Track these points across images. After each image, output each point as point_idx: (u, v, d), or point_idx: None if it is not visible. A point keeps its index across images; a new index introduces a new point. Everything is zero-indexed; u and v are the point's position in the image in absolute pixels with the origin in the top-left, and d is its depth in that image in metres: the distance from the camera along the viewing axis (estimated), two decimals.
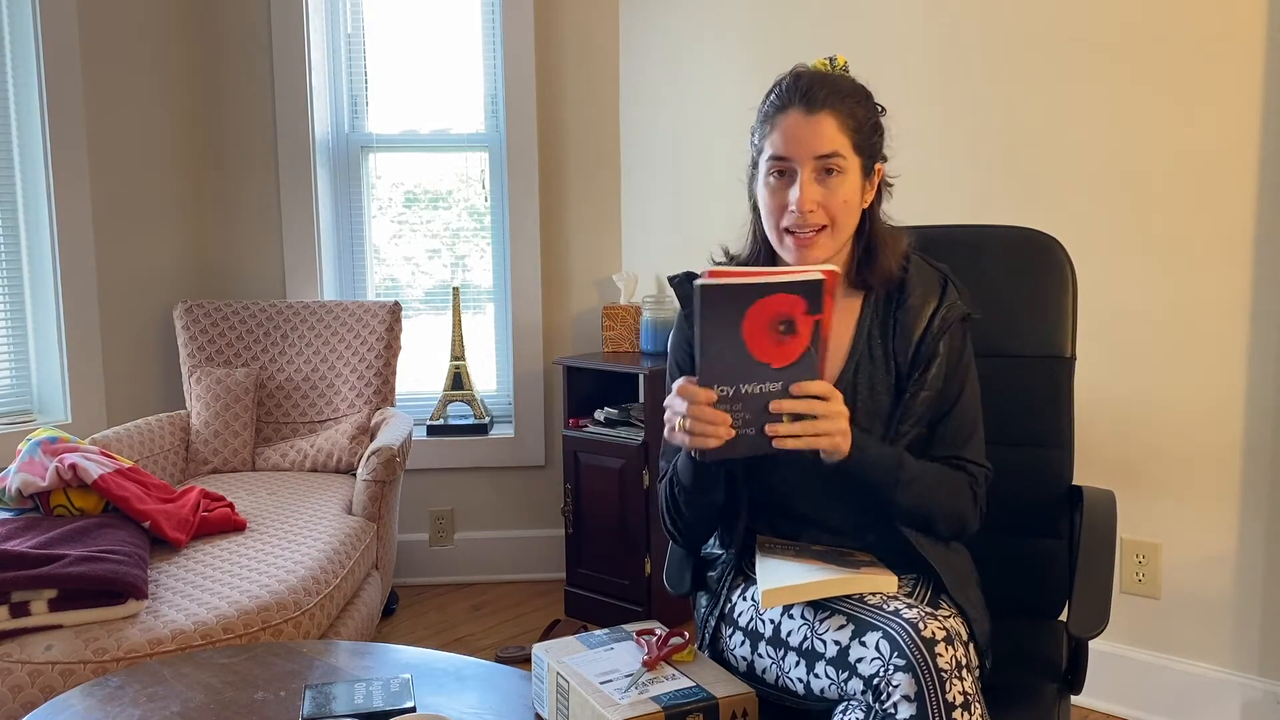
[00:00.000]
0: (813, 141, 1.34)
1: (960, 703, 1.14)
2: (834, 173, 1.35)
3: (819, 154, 1.34)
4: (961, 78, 2.59)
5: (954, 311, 1.41)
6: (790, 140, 1.35)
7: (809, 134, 1.34)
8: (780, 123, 1.36)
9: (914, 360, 1.39)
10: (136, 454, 2.74)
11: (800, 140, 1.34)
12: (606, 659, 1.32)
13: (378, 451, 2.62)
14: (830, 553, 1.38)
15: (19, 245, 2.96)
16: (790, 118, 1.35)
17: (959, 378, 1.42)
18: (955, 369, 1.41)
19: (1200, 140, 2.27)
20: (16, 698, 1.77)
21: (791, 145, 1.35)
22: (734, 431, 1.22)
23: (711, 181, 3.16)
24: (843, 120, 1.34)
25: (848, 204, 1.36)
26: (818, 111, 1.34)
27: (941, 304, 1.41)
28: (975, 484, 1.42)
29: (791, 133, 1.35)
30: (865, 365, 1.42)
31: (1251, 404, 2.25)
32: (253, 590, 2.03)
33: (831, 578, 1.24)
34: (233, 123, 3.35)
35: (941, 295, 1.42)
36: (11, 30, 2.89)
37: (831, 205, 1.35)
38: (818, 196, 1.34)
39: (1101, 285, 2.41)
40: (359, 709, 1.33)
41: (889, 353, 1.41)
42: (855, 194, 1.37)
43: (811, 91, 1.35)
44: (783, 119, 1.36)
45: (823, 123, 1.34)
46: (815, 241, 1.36)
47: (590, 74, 3.38)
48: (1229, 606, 2.30)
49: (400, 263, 3.53)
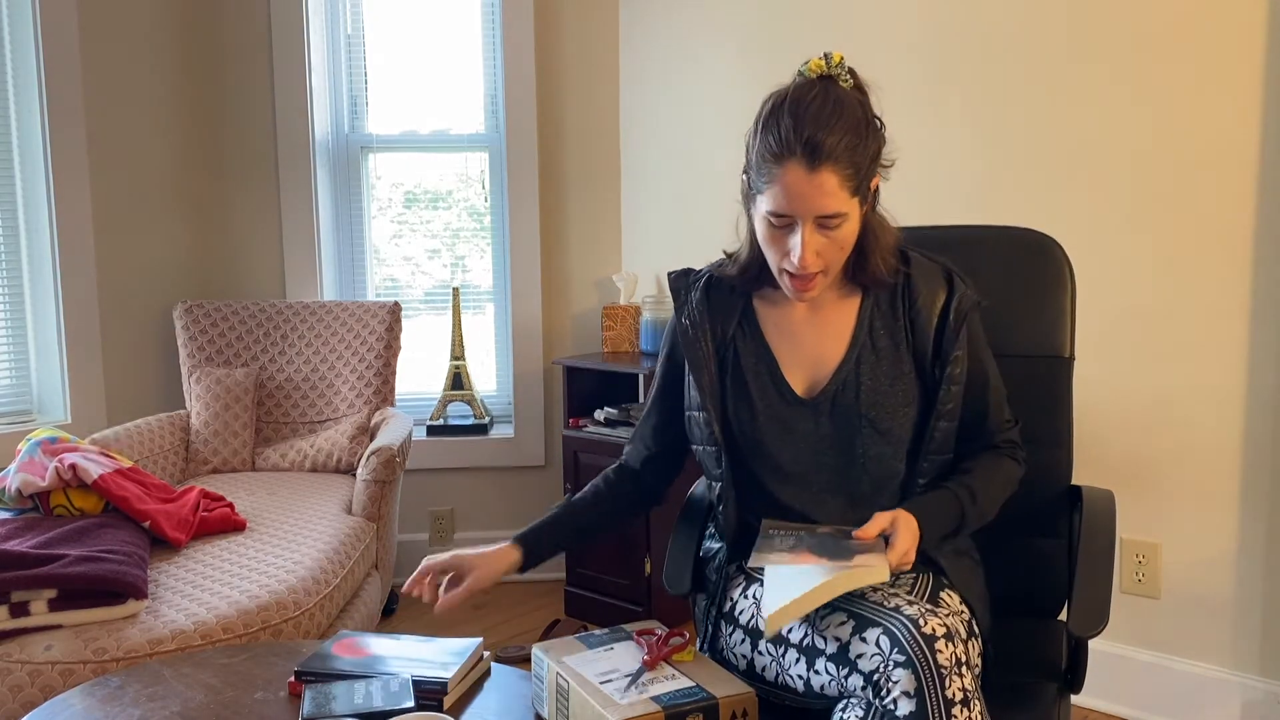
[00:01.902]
0: (815, 201, 1.30)
1: (960, 699, 1.14)
2: (834, 227, 1.33)
3: (821, 215, 1.31)
4: (960, 79, 2.59)
5: (967, 300, 1.42)
6: (792, 199, 1.30)
7: (811, 193, 1.29)
8: (780, 177, 1.30)
9: (936, 354, 1.40)
10: (136, 454, 2.74)
11: (802, 199, 1.30)
12: (606, 659, 1.32)
13: (378, 451, 2.62)
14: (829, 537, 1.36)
15: (19, 245, 2.96)
16: (791, 174, 1.29)
17: (982, 361, 1.45)
18: (978, 355, 1.44)
19: (1200, 140, 2.27)
20: (16, 698, 1.77)
21: (794, 204, 1.30)
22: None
23: (711, 181, 3.16)
24: (844, 174, 1.30)
25: (844, 250, 1.36)
26: (819, 169, 1.28)
27: (953, 294, 1.42)
28: (1017, 452, 1.50)
29: (793, 191, 1.30)
30: (868, 356, 1.41)
31: (1251, 404, 2.25)
32: (252, 590, 2.03)
33: (828, 580, 1.23)
34: (233, 123, 3.35)
35: (950, 286, 1.42)
36: (11, 30, 2.89)
37: (829, 254, 1.34)
38: (818, 248, 1.33)
39: (1100, 285, 2.41)
40: (359, 709, 1.33)
41: (896, 344, 1.41)
42: (854, 232, 1.36)
43: (813, 143, 1.28)
44: (783, 173, 1.30)
45: (825, 182, 1.29)
46: (814, 284, 1.36)
47: (590, 74, 3.38)
48: (1229, 606, 2.30)
49: (400, 263, 3.53)
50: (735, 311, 1.48)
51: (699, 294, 1.50)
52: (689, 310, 1.49)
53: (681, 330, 1.49)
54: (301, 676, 1.46)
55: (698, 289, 1.51)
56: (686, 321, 1.48)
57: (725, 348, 1.47)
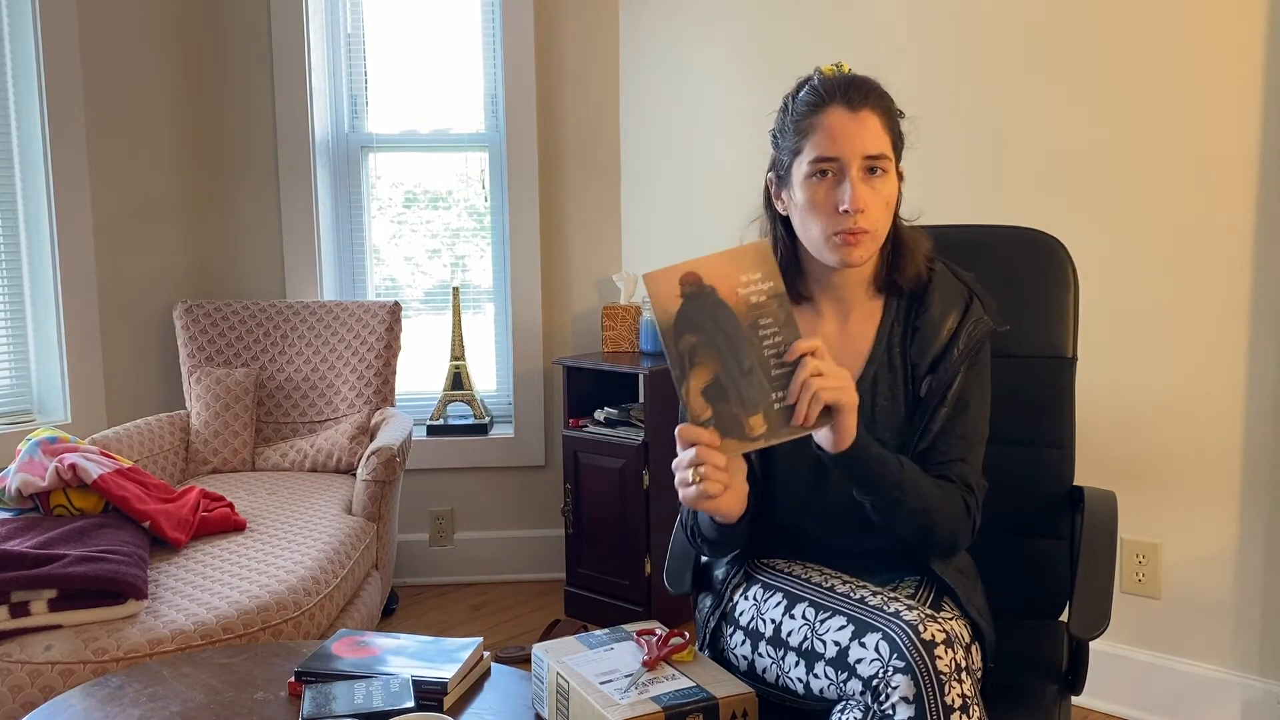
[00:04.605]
0: (861, 139, 1.28)
1: (959, 705, 1.13)
2: (878, 173, 1.30)
3: (868, 154, 1.28)
4: (962, 78, 2.59)
5: (979, 329, 1.37)
6: (838, 138, 1.28)
7: (856, 129, 1.28)
8: (822, 122, 1.29)
9: (932, 371, 1.35)
10: (136, 454, 2.74)
11: (848, 137, 1.28)
12: (606, 659, 1.32)
13: (377, 451, 2.62)
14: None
15: (19, 245, 2.96)
16: (833, 115, 1.29)
17: (976, 388, 1.38)
18: (974, 385, 1.38)
19: (1201, 140, 2.27)
20: (16, 698, 1.77)
21: (840, 143, 1.28)
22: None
23: (712, 180, 3.16)
24: (884, 120, 1.30)
25: (889, 206, 1.33)
26: (861, 109, 1.28)
27: (966, 319, 1.37)
28: (969, 495, 1.35)
29: (839, 130, 1.28)
30: (884, 374, 1.39)
31: (1251, 404, 2.24)
32: (252, 590, 2.03)
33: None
34: (233, 123, 3.35)
35: (965, 310, 1.38)
36: (11, 30, 2.89)
37: (875, 210, 1.30)
38: (867, 198, 1.29)
39: (1103, 285, 2.41)
40: (359, 709, 1.33)
41: (907, 361, 1.38)
42: (895, 195, 1.34)
43: (851, 89, 1.29)
44: (825, 117, 1.29)
45: (868, 121, 1.29)
46: (861, 241, 1.30)
47: (590, 74, 3.38)
48: (1229, 606, 2.30)
49: (400, 263, 3.53)
50: None
51: None
52: None
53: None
54: (301, 677, 1.46)
55: None
56: None
57: None
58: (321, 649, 1.53)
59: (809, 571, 1.37)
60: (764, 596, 1.36)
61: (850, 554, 1.42)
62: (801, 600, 1.30)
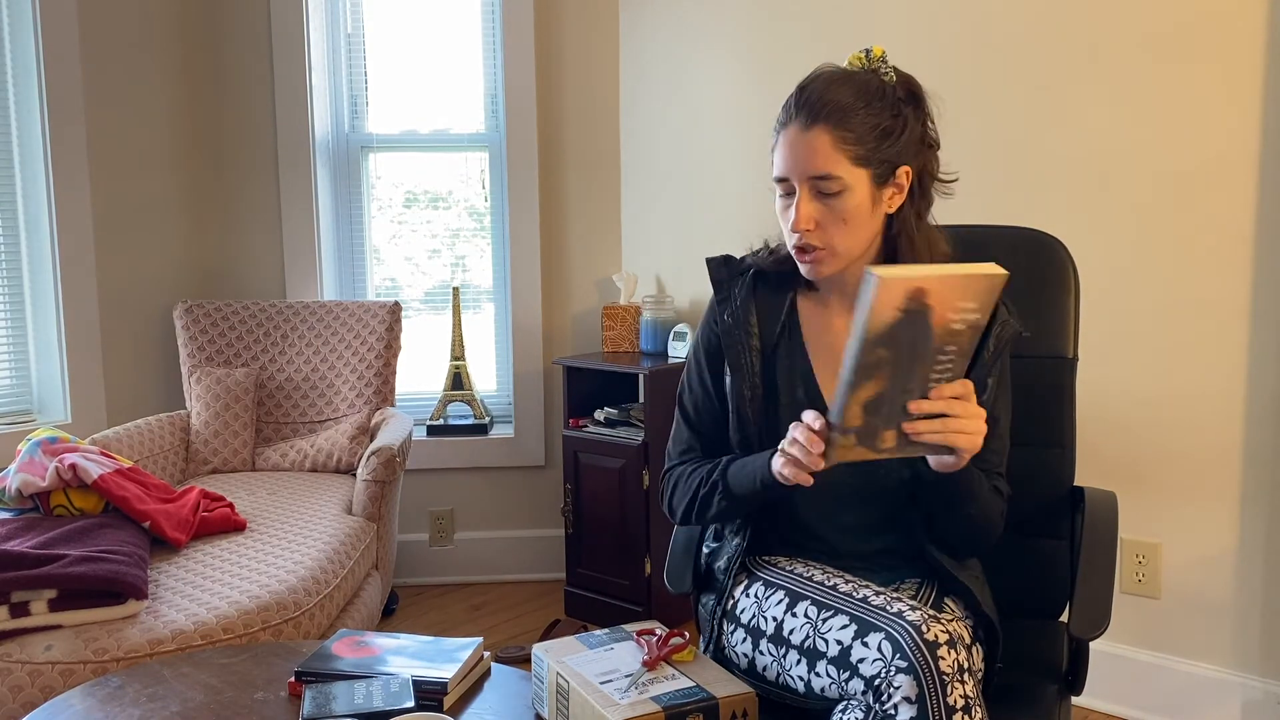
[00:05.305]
0: (805, 161, 1.30)
1: (961, 706, 1.13)
2: (829, 194, 1.30)
3: (810, 175, 1.30)
4: (963, 79, 2.59)
5: (1007, 330, 1.37)
6: (787, 158, 1.32)
7: (802, 153, 1.30)
8: (781, 140, 1.33)
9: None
10: (136, 454, 2.74)
11: (795, 158, 1.31)
12: (606, 659, 1.32)
13: (378, 451, 2.62)
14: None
15: (19, 245, 2.96)
16: (789, 134, 1.32)
17: (1004, 400, 1.41)
18: (1000, 394, 1.39)
19: (1202, 141, 2.27)
20: (16, 698, 1.77)
21: (787, 164, 1.32)
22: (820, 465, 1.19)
23: (712, 180, 3.16)
24: (838, 136, 1.28)
25: (849, 223, 1.32)
26: (812, 128, 1.29)
27: (993, 321, 1.36)
28: (1004, 504, 1.41)
29: (788, 150, 1.32)
30: None
31: (1251, 404, 2.25)
32: (252, 590, 2.03)
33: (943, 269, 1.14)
34: (233, 123, 3.35)
35: (993, 314, 1.37)
36: (11, 30, 2.89)
37: (830, 226, 1.31)
38: (815, 215, 1.31)
39: (1103, 286, 2.41)
40: (359, 709, 1.33)
41: None
42: (861, 210, 1.32)
43: (811, 104, 1.30)
44: (783, 136, 1.33)
45: (815, 141, 1.29)
46: (819, 258, 1.34)
47: (590, 74, 3.38)
48: (1229, 606, 2.30)
49: (400, 263, 3.53)
50: (780, 312, 1.45)
51: (744, 291, 1.45)
52: (732, 306, 1.45)
53: (724, 329, 1.44)
54: (301, 677, 1.46)
55: (743, 284, 1.46)
56: (730, 320, 1.44)
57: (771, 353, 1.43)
58: (321, 649, 1.53)
59: (811, 570, 1.37)
60: (765, 594, 1.36)
61: (852, 554, 1.43)
62: (804, 598, 1.30)
